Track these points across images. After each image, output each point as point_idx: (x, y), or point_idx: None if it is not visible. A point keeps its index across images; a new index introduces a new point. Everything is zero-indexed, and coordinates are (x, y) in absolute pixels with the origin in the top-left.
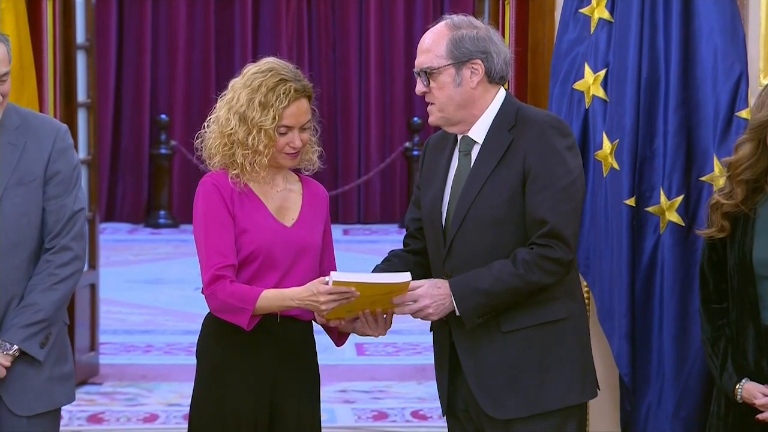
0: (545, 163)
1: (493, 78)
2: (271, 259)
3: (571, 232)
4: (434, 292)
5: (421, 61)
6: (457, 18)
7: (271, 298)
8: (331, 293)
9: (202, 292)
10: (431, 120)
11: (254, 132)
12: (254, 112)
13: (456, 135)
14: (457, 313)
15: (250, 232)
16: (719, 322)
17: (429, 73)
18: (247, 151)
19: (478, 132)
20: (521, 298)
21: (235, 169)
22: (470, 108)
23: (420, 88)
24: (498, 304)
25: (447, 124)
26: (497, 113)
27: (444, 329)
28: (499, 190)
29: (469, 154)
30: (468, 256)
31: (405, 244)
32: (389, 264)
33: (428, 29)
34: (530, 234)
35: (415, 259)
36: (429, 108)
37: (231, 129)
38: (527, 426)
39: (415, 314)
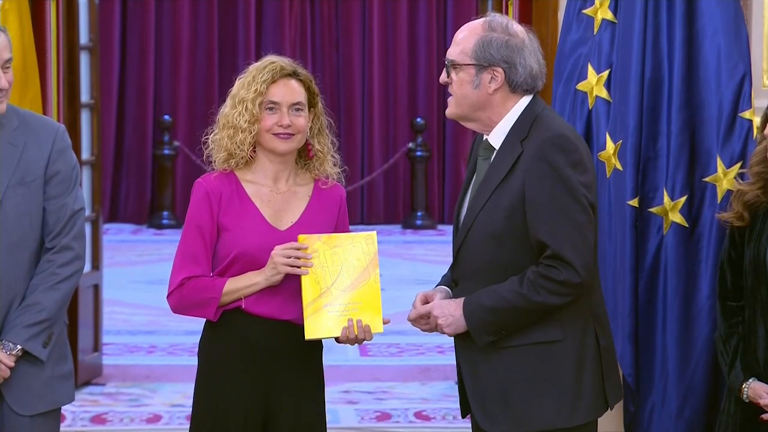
0: (542, 183)
1: (515, 89)
2: (257, 264)
3: (574, 254)
4: (444, 305)
5: (450, 51)
6: (498, 19)
7: (238, 279)
8: (285, 248)
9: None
10: (447, 112)
11: (239, 108)
12: (241, 90)
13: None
14: (466, 328)
15: (234, 236)
16: (734, 319)
17: (452, 67)
18: (231, 131)
19: (497, 138)
20: (531, 317)
21: (231, 158)
22: (486, 111)
23: (443, 77)
24: (506, 322)
25: (462, 120)
26: (515, 122)
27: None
28: (500, 206)
29: (488, 159)
30: (471, 267)
31: None
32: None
33: (470, 21)
34: (539, 253)
35: None
36: (449, 99)
37: (225, 115)
38: None
39: (428, 328)
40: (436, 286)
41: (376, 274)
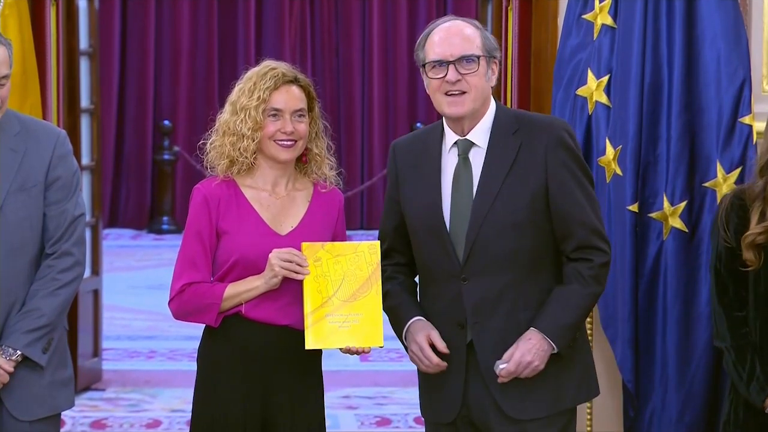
0: (568, 169)
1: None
2: (257, 269)
3: (603, 229)
4: (529, 346)
5: (464, 48)
6: (468, 19)
7: (238, 284)
8: (282, 252)
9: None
10: (461, 110)
11: (242, 116)
12: (242, 97)
13: (440, 138)
14: (556, 351)
15: (234, 240)
16: (742, 330)
17: (473, 60)
18: (234, 138)
19: (479, 135)
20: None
21: (233, 165)
22: (485, 106)
23: (455, 75)
24: (581, 325)
25: (471, 117)
26: (494, 118)
27: (459, 333)
28: (518, 194)
29: (466, 157)
30: (487, 261)
31: (389, 256)
32: (401, 299)
33: (441, 25)
34: (569, 238)
35: (409, 280)
36: (460, 98)
37: (225, 122)
38: (540, 426)
39: (524, 373)
40: (408, 318)
41: (378, 286)
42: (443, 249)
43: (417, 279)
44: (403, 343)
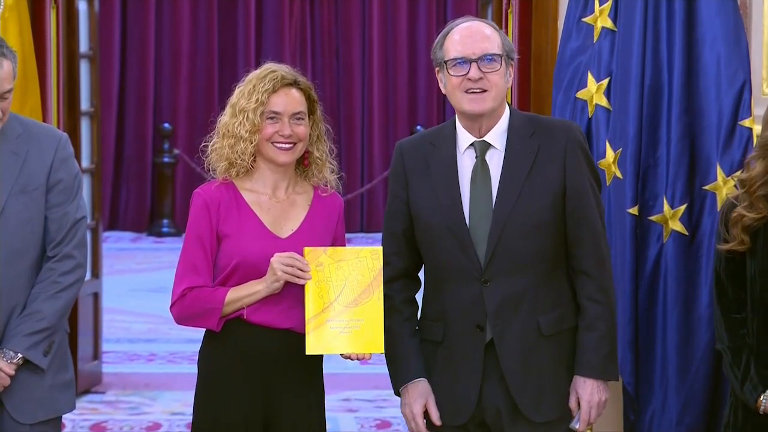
0: (583, 170)
1: None
2: (258, 272)
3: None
4: (589, 390)
5: (486, 47)
6: (485, 20)
7: (240, 288)
8: (283, 256)
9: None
10: (482, 107)
11: (240, 118)
12: (242, 100)
13: (452, 139)
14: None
15: (235, 244)
16: (740, 331)
17: (495, 59)
18: (232, 140)
19: (496, 137)
20: None
21: (232, 168)
22: (501, 107)
23: (477, 72)
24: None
25: (489, 117)
26: (510, 120)
27: (477, 335)
28: (540, 195)
29: (484, 159)
30: (509, 263)
31: (389, 263)
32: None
33: (461, 24)
34: (581, 242)
35: (413, 310)
36: (481, 95)
37: (225, 124)
38: (550, 428)
39: (596, 414)
40: (408, 376)
41: (379, 291)
42: (463, 250)
43: (414, 280)
44: (396, 392)
